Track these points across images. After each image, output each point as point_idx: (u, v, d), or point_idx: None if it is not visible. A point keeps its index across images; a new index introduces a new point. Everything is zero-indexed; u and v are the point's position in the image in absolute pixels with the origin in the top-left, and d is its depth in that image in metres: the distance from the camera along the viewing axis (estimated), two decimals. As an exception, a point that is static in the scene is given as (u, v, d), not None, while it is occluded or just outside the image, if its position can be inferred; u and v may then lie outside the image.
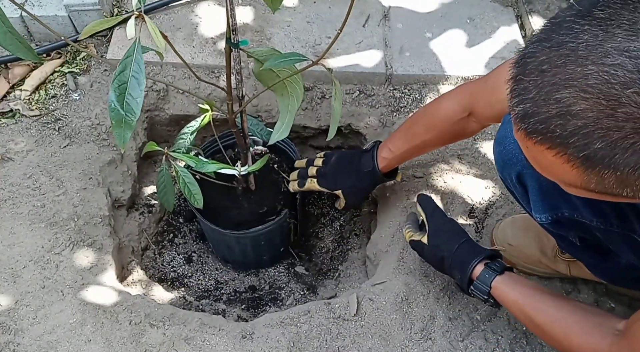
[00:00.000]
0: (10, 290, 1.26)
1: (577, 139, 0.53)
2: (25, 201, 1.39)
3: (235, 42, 1.00)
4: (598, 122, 0.51)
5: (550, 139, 0.55)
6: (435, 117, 1.21)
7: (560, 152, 0.55)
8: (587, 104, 0.51)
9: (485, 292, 1.03)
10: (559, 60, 0.52)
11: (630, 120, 0.50)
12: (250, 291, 1.61)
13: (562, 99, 0.52)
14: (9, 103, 1.56)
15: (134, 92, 0.71)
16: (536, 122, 0.55)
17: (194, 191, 1.20)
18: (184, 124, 1.29)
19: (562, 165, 0.56)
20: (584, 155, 0.53)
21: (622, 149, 0.51)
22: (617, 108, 0.50)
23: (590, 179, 0.56)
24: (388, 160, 1.29)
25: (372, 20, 1.70)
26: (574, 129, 0.52)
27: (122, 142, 0.73)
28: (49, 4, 1.65)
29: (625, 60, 0.49)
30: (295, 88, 1.03)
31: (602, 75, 0.50)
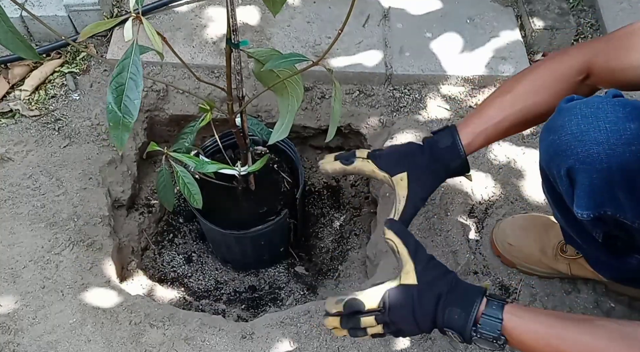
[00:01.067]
0: (10, 290, 1.26)
1: None
2: (25, 201, 1.39)
3: (236, 42, 1.00)
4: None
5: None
6: (546, 76, 0.98)
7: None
8: None
9: (498, 328, 0.82)
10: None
11: None
12: (250, 291, 1.61)
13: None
14: (8, 103, 1.56)
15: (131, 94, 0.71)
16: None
17: (193, 191, 1.20)
18: (183, 124, 1.29)
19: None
20: None
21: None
22: None
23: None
24: (475, 134, 0.97)
25: (372, 20, 1.70)
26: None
27: (120, 144, 0.73)
28: (49, 4, 1.65)
29: None
30: (295, 88, 1.02)
31: None
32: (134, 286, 1.51)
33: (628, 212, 0.85)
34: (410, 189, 0.97)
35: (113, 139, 0.73)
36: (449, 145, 0.98)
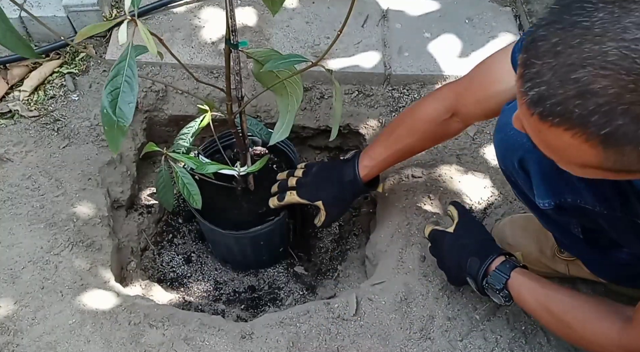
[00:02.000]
0: (9, 291, 1.26)
1: (598, 118, 0.52)
2: (24, 202, 1.39)
3: (235, 43, 1.00)
4: (620, 98, 0.51)
5: (568, 120, 0.54)
6: (417, 120, 1.19)
7: (578, 133, 0.55)
8: (607, 81, 0.51)
9: (503, 281, 1.04)
10: (574, 40, 0.52)
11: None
12: (249, 291, 1.61)
13: (580, 78, 0.52)
14: (7, 104, 1.56)
15: (126, 97, 0.70)
16: (553, 105, 0.54)
17: (192, 191, 1.20)
18: (183, 125, 1.29)
19: (579, 146, 0.56)
20: (604, 133, 0.53)
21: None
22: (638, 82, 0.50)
23: (608, 157, 0.56)
24: (369, 168, 1.26)
25: (370, 20, 1.70)
26: (595, 107, 0.52)
27: (114, 147, 0.73)
28: (48, 4, 1.65)
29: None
30: (295, 88, 1.03)
31: (622, 50, 0.50)
32: (134, 287, 1.51)
33: (586, 196, 0.87)
34: (326, 211, 1.31)
35: (108, 142, 0.73)
36: (351, 179, 1.26)
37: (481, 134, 1.53)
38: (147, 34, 0.62)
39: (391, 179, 1.48)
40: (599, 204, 0.86)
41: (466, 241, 1.13)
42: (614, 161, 0.57)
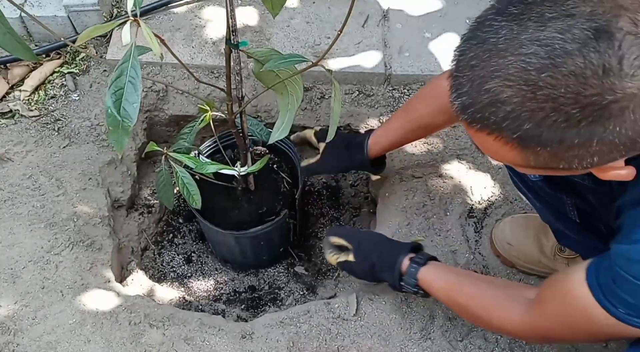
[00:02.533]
0: (9, 290, 1.26)
1: (509, 123, 0.59)
2: (25, 202, 1.39)
3: (235, 43, 1.00)
4: (523, 105, 0.57)
5: (487, 125, 0.61)
6: (434, 89, 1.19)
7: (498, 136, 0.61)
8: (511, 91, 0.57)
9: (414, 285, 1.09)
10: (484, 54, 0.59)
11: (549, 101, 0.56)
12: (249, 291, 1.61)
13: (490, 89, 0.58)
14: (8, 103, 1.56)
15: (130, 98, 0.71)
16: (473, 112, 0.61)
17: (192, 191, 1.20)
18: (183, 125, 1.30)
19: (503, 148, 0.63)
20: (517, 136, 0.60)
21: (547, 127, 0.58)
22: (537, 91, 0.56)
23: (528, 157, 0.63)
24: (378, 136, 1.27)
25: (371, 20, 1.70)
26: (505, 114, 0.59)
27: (119, 147, 0.73)
28: (49, 4, 1.65)
29: (538, 49, 0.56)
30: (295, 88, 1.03)
31: (520, 63, 0.56)
32: (134, 286, 1.51)
33: None
34: (322, 156, 1.34)
35: (112, 142, 0.73)
36: (360, 141, 1.30)
37: (481, 134, 1.53)
38: (150, 35, 0.62)
39: (391, 179, 1.48)
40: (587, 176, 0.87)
41: (371, 261, 1.15)
42: (534, 160, 0.63)
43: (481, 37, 0.59)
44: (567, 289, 0.82)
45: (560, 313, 0.85)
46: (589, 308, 0.77)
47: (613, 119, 0.56)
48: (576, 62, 0.54)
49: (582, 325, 0.81)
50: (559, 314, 0.85)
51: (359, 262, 1.17)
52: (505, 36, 0.57)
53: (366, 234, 1.24)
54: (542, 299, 0.89)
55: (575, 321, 0.82)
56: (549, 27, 0.56)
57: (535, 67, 0.56)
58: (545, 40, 0.55)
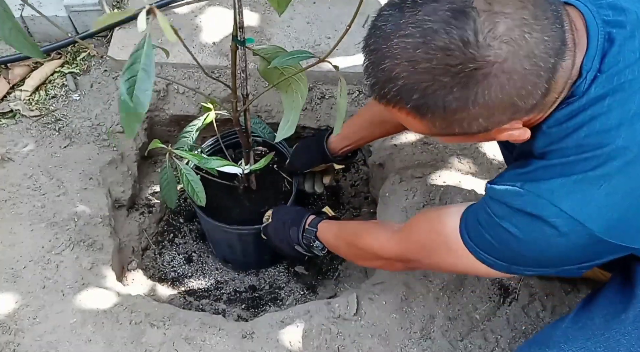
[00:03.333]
0: (10, 290, 1.26)
1: (404, 95, 0.68)
2: (26, 201, 1.39)
3: (242, 39, 0.99)
4: (409, 78, 0.67)
5: (389, 100, 0.70)
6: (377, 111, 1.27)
7: (400, 108, 0.71)
8: (399, 68, 0.67)
9: (313, 234, 1.23)
10: (379, 40, 0.68)
11: (426, 73, 0.65)
12: (250, 291, 1.62)
13: (385, 68, 0.68)
14: (9, 103, 1.56)
15: (143, 85, 0.71)
16: (378, 90, 0.70)
17: (197, 188, 1.20)
18: (184, 125, 1.30)
19: (408, 118, 0.72)
20: (411, 106, 0.69)
21: (430, 95, 0.67)
22: (416, 65, 0.65)
23: (427, 124, 0.72)
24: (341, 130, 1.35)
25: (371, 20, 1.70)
26: (399, 88, 0.68)
27: (130, 133, 0.74)
28: (49, 4, 1.65)
29: (413, 30, 0.65)
30: (300, 85, 1.02)
31: (400, 44, 0.66)
32: (135, 286, 1.51)
33: None
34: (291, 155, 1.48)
35: (124, 128, 0.74)
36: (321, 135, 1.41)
37: (482, 134, 1.53)
38: (165, 23, 0.63)
39: (391, 179, 1.48)
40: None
41: (283, 219, 1.30)
42: (434, 127, 0.72)
43: (376, 26, 0.69)
44: (439, 216, 0.92)
45: (424, 237, 0.94)
46: (453, 238, 0.86)
47: (479, 83, 0.65)
48: (442, 38, 0.64)
49: (441, 252, 0.90)
50: (424, 237, 0.94)
51: (273, 222, 1.33)
52: (391, 22, 0.67)
53: (286, 206, 1.40)
54: (412, 223, 0.99)
55: (436, 246, 0.91)
56: (419, 11, 0.65)
57: (412, 45, 0.65)
58: (417, 23, 0.65)
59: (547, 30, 0.65)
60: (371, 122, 1.31)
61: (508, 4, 0.64)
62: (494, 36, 0.63)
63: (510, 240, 0.79)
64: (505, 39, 0.63)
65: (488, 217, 0.81)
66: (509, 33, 0.63)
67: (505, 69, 0.64)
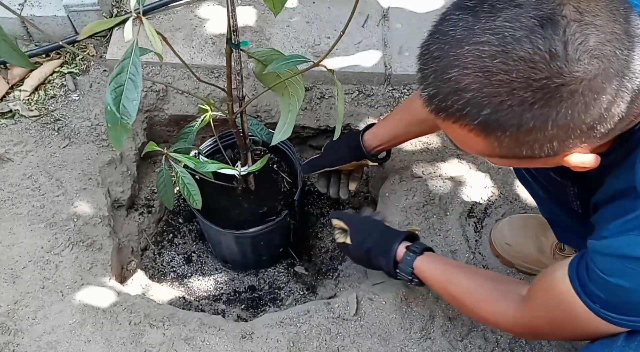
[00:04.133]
0: (9, 290, 1.26)
1: (470, 109, 0.62)
2: (25, 202, 1.39)
3: (236, 42, 1.00)
4: (480, 91, 0.60)
5: (451, 114, 0.64)
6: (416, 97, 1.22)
7: (462, 124, 0.64)
8: (469, 79, 0.60)
9: (409, 273, 1.11)
10: (445, 46, 0.62)
11: (503, 86, 0.59)
12: (249, 291, 1.61)
13: (451, 77, 0.61)
14: (8, 103, 1.56)
15: (130, 95, 0.71)
16: (438, 102, 0.64)
17: (193, 191, 1.20)
18: (183, 125, 1.29)
19: (468, 135, 0.65)
20: (478, 122, 0.62)
21: (503, 111, 0.60)
22: (491, 77, 0.59)
23: (492, 143, 0.65)
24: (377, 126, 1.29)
25: (371, 20, 1.70)
26: (465, 101, 0.62)
27: (118, 144, 0.73)
28: (49, 4, 1.65)
29: (490, 37, 0.59)
30: (296, 88, 1.03)
31: (474, 52, 0.60)
32: (134, 286, 1.51)
33: None
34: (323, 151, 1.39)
35: (111, 139, 0.73)
36: (356, 132, 1.33)
37: (481, 134, 1.53)
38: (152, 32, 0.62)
39: (391, 179, 1.48)
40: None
41: (367, 246, 1.18)
42: (498, 148, 0.66)
43: (442, 31, 0.63)
44: (552, 283, 0.83)
45: (545, 308, 0.86)
46: (570, 302, 0.78)
47: (564, 102, 0.59)
48: (525, 48, 0.57)
49: (565, 321, 0.82)
50: (545, 309, 0.86)
51: (355, 245, 1.20)
52: (462, 28, 0.61)
53: (363, 219, 1.25)
54: (531, 294, 0.90)
55: (559, 316, 0.83)
56: (499, 17, 0.59)
57: (488, 54, 0.59)
58: (496, 29, 0.59)
59: (637, 48, 0.60)
60: (409, 121, 1.25)
61: (600, 16, 0.59)
62: (585, 49, 0.57)
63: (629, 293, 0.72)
64: (597, 54, 0.58)
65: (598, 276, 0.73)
66: (601, 47, 0.58)
67: (593, 88, 0.59)
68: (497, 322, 0.98)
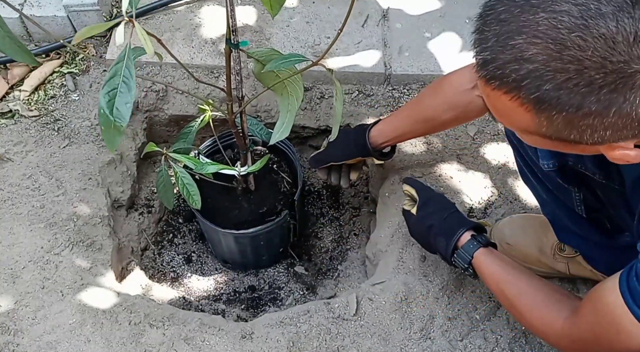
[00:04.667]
0: (9, 290, 1.26)
1: (530, 82, 0.57)
2: (25, 202, 1.39)
3: (235, 43, 1.00)
4: (547, 64, 0.56)
5: (506, 83, 0.59)
6: (442, 84, 1.19)
7: (515, 96, 0.60)
8: (537, 49, 0.56)
9: (467, 261, 1.06)
10: (515, 9, 0.57)
11: (574, 63, 0.55)
12: (249, 291, 1.61)
13: (516, 44, 0.57)
14: (8, 103, 1.56)
15: (124, 98, 0.71)
16: (494, 68, 0.59)
17: (192, 191, 1.20)
18: (183, 124, 1.30)
19: (517, 109, 0.61)
20: (535, 97, 0.58)
21: (567, 90, 0.56)
22: (563, 51, 0.54)
23: (541, 122, 0.61)
24: (383, 123, 1.27)
25: (371, 20, 1.70)
26: (526, 73, 0.57)
27: (111, 147, 0.74)
28: (48, 4, 1.65)
29: (572, 7, 0.54)
30: (295, 88, 1.03)
31: (551, 21, 0.55)
32: (134, 286, 1.51)
33: (587, 161, 0.88)
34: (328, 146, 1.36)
35: (105, 142, 0.74)
36: (363, 128, 1.29)
37: (481, 134, 1.53)
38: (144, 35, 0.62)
39: (391, 179, 1.48)
40: (599, 171, 0.87)
41: (430, 222, 1.12)
42: (547, 127, 0.61)
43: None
44: (600, 294, 0.80)
45: (592, 322, 0.82)
46: (618, 315, 0.74)
47: (636, 89, 0.55)
48: (608, 26, 0.53)
49: (611, 335, 0.78)
50: (591, 322, 0.82)
51: (418, 218, 1.15)
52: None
53: (437, 195, 1.19)
54: (580, 307, 0.87)
55: (605, 331, 0.79)
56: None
57: (566, 25, 0.54)
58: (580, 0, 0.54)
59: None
60: (416, 119, 1.23)
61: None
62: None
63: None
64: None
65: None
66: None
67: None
68: (545, 332, 0.94)
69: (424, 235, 1.15)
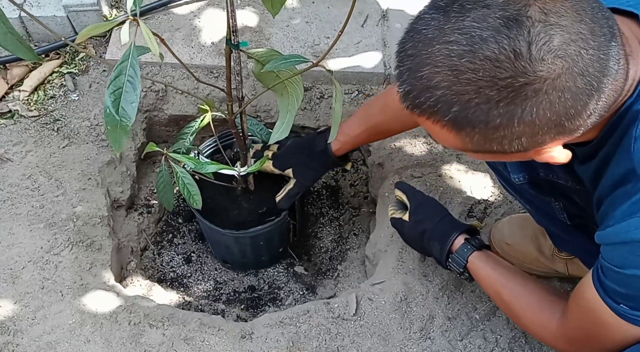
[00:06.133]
0: (9, 291, 1.26)
1: (441, 107, 0.63)
2: (24, 202, 1.39)
3: (235, 43, 1.00)
4: (450, 89, 0.62)
5: (425, 110, 0.65)
6: (389, 97, 1.20)
7: (435, 120, 0.65)
8: (440, 76, 0.62)
9: (462, 266, 1.08)
10: (419, 44, 0.63)
11: (470, 84, 0.60)
12: (249, 291, 1.61)
13: (423, 75, 0.63)
14: (7, 104, 1.56)
15: (129, 97, 0.71)
16: (413, 98, 0.65)
17: (193, 191, 1.20)
18: (183, 125, 1.29)
19: (442, 131, 0.66)
20: (448, 119, 0.64)
21: (472, 109, 0.62)
22: (460, 75, 0.61)
23: (464, 139, 0.67)
24: (341, 142, 1.27)
25: (370, 20, 1.70)
26: (437, 98, 0.63)
27: (117, 146, 0.74)
28: (48, 4, 1.64)
29: (459, 37, 0.60)
30: (295, 88, 1.03)
31: (443, 51, 0.61)
32: (133, 287, 1.51)
33: (557, 171, 0.90)
34: (296, 179, 1.33)
35: (111, 142, 0.73)
36: (322, 149, 1.29)
37: (481, 134, 1.53)
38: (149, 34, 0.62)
39: (391, 178, 1.48)
40: (570, 178, 0.89)
41: (423, 227, 1.15)
42: (470, 143, 0.67)
43: (416, 30, 0.64)
44: (580, 293, 0.82)
45: (579, 319, 0.85)
46: (598, 309, 0.76)
47: (529, 100, 0.60)
48: (491, 48, 0.59)
49: (597, 330, 0.80)
50: (579, 320, 0.85)
51: (411, 224, 1.17)
52: (434, 27, 0.62)
53: (428, 200, 1.21)
54: (568, 307, 0.89)
55: (592, 326, 0.81)
56: (468, 17, 0.60)
57: (457, 53, 0.60)
58: (464, 29, 0.60)
59: (603, 47, 0.61)
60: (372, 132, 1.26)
61: (565, 16, 0.59)
62: (549, 50, 0.58)
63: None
64: (560, 54, 0.59)
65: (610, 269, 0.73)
66: (565, 47, 0.59)
67: (557, 86, 0.60)
68: (542, 334, 0.96)
69: (417, 241, 1.17)
